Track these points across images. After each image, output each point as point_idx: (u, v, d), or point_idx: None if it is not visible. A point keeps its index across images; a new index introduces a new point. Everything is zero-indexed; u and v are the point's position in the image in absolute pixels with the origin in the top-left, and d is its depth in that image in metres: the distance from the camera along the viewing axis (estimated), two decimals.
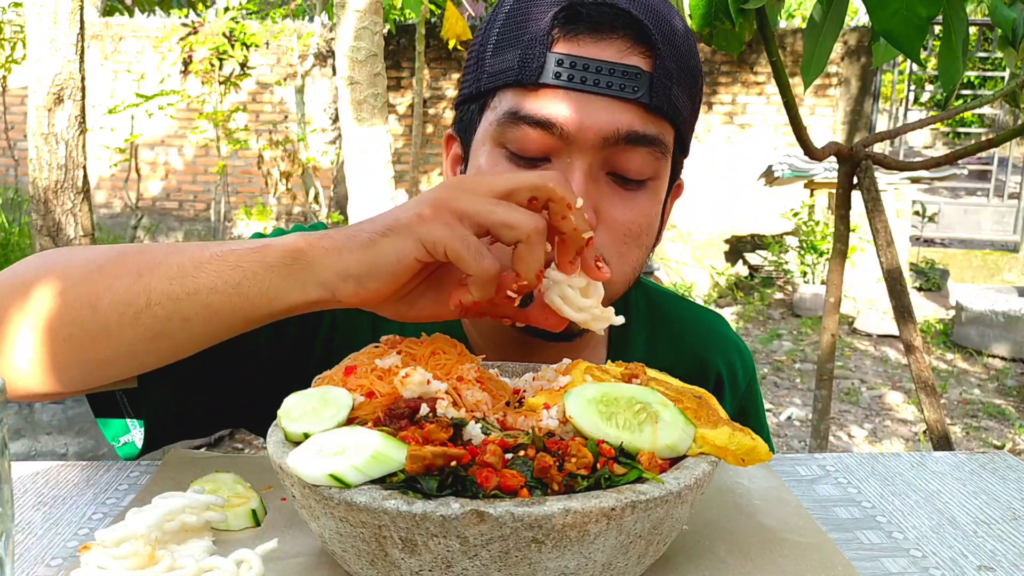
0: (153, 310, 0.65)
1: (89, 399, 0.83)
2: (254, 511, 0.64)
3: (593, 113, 0.73)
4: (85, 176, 3.69)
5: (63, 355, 0.68)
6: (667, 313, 0.99)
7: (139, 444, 0.84)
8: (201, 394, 0.82)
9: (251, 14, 8.07)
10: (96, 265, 0.68)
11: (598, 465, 0.51)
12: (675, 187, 0.89)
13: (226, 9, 7.61)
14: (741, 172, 7.87)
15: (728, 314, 6.62)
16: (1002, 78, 8.29)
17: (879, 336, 5.94)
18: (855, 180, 2.04)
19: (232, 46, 7.58)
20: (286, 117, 7.93)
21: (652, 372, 0.66)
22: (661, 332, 0.69)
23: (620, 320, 0.67)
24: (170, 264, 0.66)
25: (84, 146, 3.66)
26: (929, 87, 9.12)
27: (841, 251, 2.10)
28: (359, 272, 0.61)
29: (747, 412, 1.00)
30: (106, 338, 0.67)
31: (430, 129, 7.97)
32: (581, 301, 0.66)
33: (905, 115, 7.99)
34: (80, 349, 0.67)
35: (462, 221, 0.60)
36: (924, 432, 4.01)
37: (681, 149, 0.83)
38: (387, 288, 0.61)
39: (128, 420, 0.84)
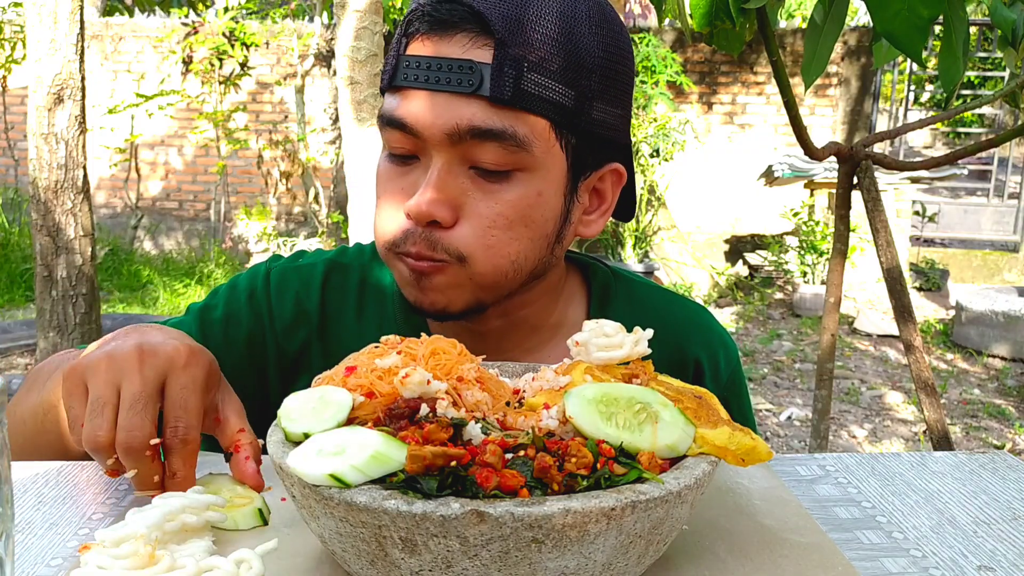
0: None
1: None
2: (260, 510, 0.65)
3: (435, 110, 0.75)
4: (85, 176, 3.70)
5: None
6: (647, 303, 0.99)
7: None
8: None
9: (251, 14, 8.07)
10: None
11: (598, 465, 0.51)
12: (612, 173, 0.87)
13: (226, 9, 7.61)
14: (741, 172, 7.87)
15: (728, 314, 6.63)
16: (1002, 78, 8.29)
17: (879, 336, 5.93)
18: (855, 180, 2.04)
19: (232, 46, 7.58)
20: (286, 117, 7.93)
21: (652, 371, 0.66)
22: (640, 322, 0.70)
23: (650, 333, 0.67)
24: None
25: (84, 146, 3.66)
26: (929, 87, 9.12)
27: (841, 251, 2.10)
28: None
29: (729, 404, 0.98)
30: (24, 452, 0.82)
31: None
32: (613, 341, 0.67)
33: (905, 115, 7.99)
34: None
35: (80, 397, 0.66)
36: (924, 432, 4.01)
37: (581, 136, 0.80)
38: None
39: None
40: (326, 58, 7.81)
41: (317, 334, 0.94)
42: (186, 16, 8.45)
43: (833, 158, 2.05)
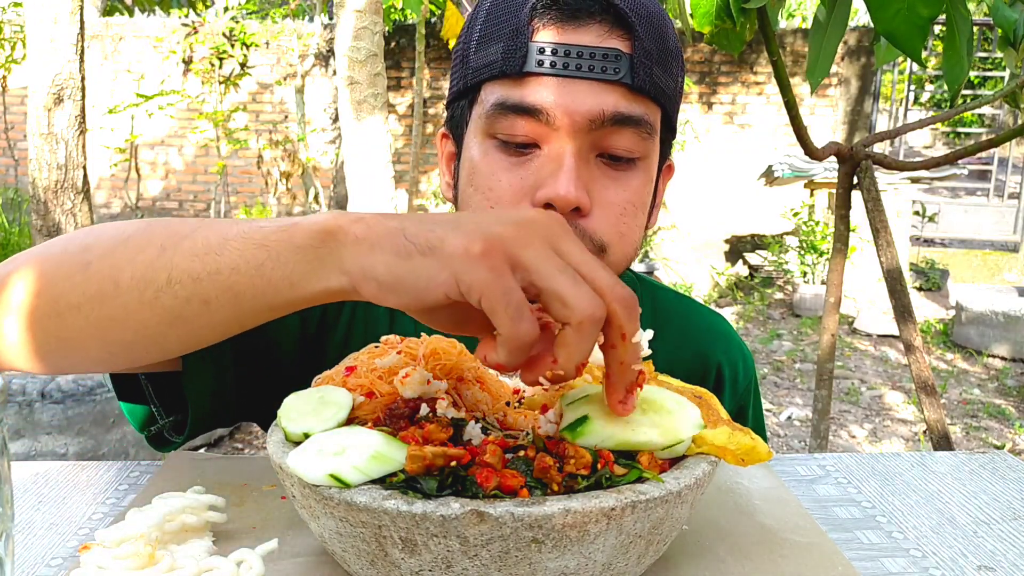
0: (173, 289, 0.59)
1: (112, 380, 0.82)
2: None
3: (578, 97, 0.75)
4: (85, 176, 3.70)
5: (84, 333, 0.63)
6: (671, 309, 1.00)
7: (168, 435, 0.83)
8: (235, 383, 0.82)
9: (251, 14, 8.07)
10: (123, 237, 0.63)
11: (598, 465, 0.51)
12: (666, 168, 0.91)
13: (226, 9, 7.61)
14: (741, 172, 7.87)
15: (728, 314, 6.62)
16: (1002, 78, 8.29)
17: (879, 336, 5.93)
18: (855, 180, 2.04)
19: (232, 46, 7.58)
20: (286, 117, 7.93)
21: (652, 371, 0.66)
22: (664, 327, 0.70)
23: (650, 334, 0.60)
24: (195, 239, 0.60)
25: (84, 146, 3.66)
26: (929, 87, 9.12)
27: (841, 251, 2.10)
28: (383, 280, 0.53)
29: (745, 414, 1.00)
30: (125, 318, 0.61)
31: (430, 129, 7.97)
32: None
33: (905, 115, 7.99)
34: (100, 328, 0.62)
35: (514, 271, 0.50)
36: (924, 432, 4.01)
37: (668, 129, 0.85)
38: (407, 306, 0.54)
39: (154, 409, 0.83)
40: (326, 58, 7.81)
41: (355, 314, 0.91)
42: (186, 16, 8.45)
43: (833, 158, 2.06)
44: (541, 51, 0.75)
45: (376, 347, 0.67)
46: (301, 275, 0.56)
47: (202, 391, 0.78)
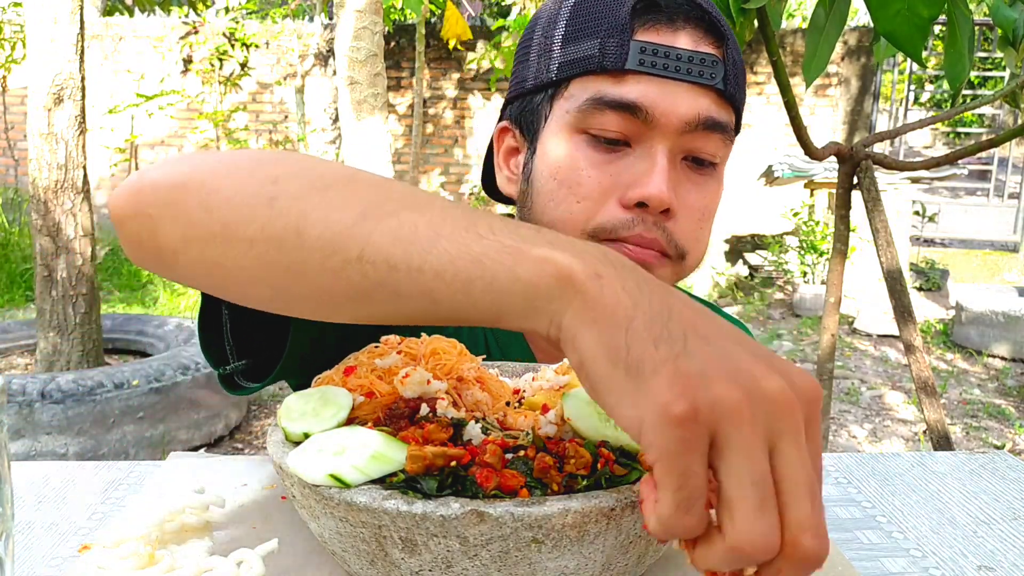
0: (363, 268, 0.50)
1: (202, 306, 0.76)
2: None
3: (676, 98, 0.77)
4: (85, 176, 3.70)
5: (250, 272, 0.55)
6: None
7: (238, 379, 0.79)
8: (332, 335, 0.77)
9: (251, 14, 8.07)
10: (321, 184, 0.54)
11: (599, 465, 0.51)
12: None
13: (226, 9, 7.62)
14: (741, 172, 7.87)
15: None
16: (1002, 78, 8.30)
17: (879, 336, 5.93)
18: (855, 180, 2.04)
19: (232, 46, 7.59)
20: (286, 117, 7.93)
21: None
22: None
23: None
24: (402, 219, 0.50)
25: (84, 146, 3.66)
26: (929, 87, 9.12)
27: (841, 251, 2.10)
28: (583, 363, 0.45)
29: None
30: (301, 276, 0.53)
31: (430, 129, 7.97)
32: None
33: (905, 115, 7.99)
34: (271, 273, 0.54)
35: (710, 443, 0.40)
36: (924, 432, 4.01)
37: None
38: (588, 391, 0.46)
39: (227, 349, 0.77)
40: (326, 58, 7.81)
41: None
42: (186, 16, 8.46)
43: (833, 158, 2.06)
44: (643, 50, 0.76)
45: (376, 347, 0.67)
46: (512, 310, 0.48)
47: (304, 334, 0.74)
